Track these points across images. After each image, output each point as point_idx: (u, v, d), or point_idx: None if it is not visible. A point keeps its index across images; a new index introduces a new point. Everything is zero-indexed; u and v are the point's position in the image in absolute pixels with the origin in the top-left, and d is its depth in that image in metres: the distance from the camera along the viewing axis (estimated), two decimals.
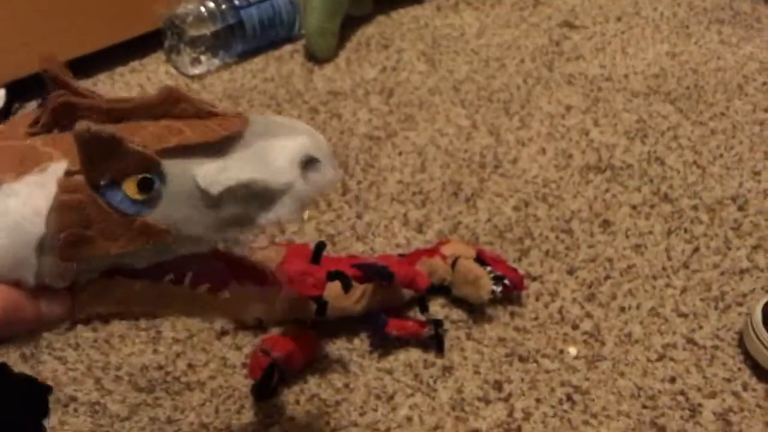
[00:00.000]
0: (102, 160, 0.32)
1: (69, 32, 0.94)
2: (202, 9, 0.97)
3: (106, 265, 0.35)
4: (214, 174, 0.34)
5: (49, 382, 0.65)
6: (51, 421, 0.63)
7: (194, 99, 0.36)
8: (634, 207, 0.83)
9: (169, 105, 0.36)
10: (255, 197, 0.35)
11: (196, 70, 1.01)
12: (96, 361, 0.68)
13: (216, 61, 1.01)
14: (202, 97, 1.00)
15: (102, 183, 0.33)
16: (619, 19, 1.15)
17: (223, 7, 0.98)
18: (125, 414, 0.63)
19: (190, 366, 0.67)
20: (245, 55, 1.04)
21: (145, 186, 0.33)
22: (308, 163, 0.35)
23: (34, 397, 0.46)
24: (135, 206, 0.33)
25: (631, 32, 1.12)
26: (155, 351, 0.68)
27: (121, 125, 0.35)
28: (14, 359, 0.67)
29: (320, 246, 0.64)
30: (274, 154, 0.35)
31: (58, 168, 0.33)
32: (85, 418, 0.63)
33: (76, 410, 0.64)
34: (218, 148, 0.35)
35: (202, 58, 1.00)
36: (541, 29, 1.13)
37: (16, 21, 0.90)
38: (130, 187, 0.33)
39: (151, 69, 1.03)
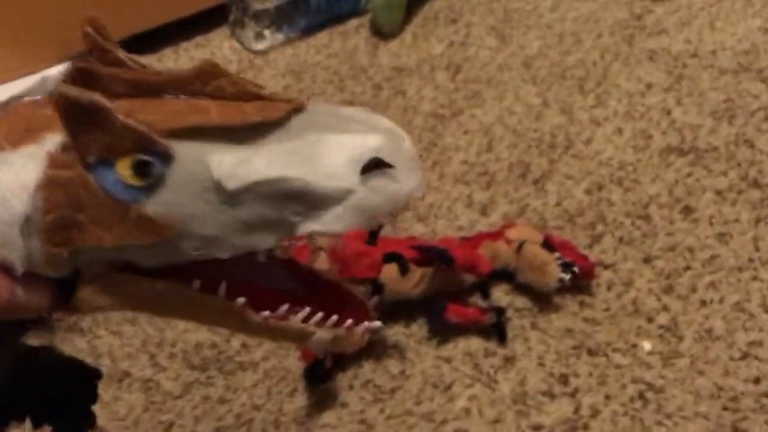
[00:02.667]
0: (86, 132, 0.29)
1: (135, 6, 0.93)
2: None
3: (109, 259, 0.31)
4: (233, 165, 0.29)
5: (105, 358, 0.65)
6: (106, 396, 0.62)
7: (236, 77, 0.31)
8: (719, 192, 0.77)
9: (203, 81, 0.31)
10: (293, 200, 0.29)
11: (260, 45, 0.99)
12: (151, 336, 0.67)
13: (280, 36, 0.99)
14: (264, 74, 0.99)
15: (92, 160, 0.29)
16: None
17: None
18: (178, 392, 0.63)
19: (243, 346, 0.66)
20: (309, 30, 1.02)
21: (140, 169, 0.29)
22: (377, 168, 0.29)
23: (84, 381, 0.45)
24: (129, 192, 0.29)
25: (720, 5, 1.03)
26: (210, 329, 0.67)
27: (141, 100, 0.31)
28: (71, 335, 0.68)
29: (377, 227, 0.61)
30: (327, 151, 0.29)
31: (53, 140, 0.29)
32: (139, 394, 0.63)
33: (129, 386, 0.63)
34: (249, 135, 0.30)
35: (266, 32, 0.98)
36: (621, 2, 1.06)
37: None
38: (123, 169, 0.29)
39: (215, 44, 1.02)
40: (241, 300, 0.32)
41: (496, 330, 0.64)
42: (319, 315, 0.33)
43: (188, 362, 0.65)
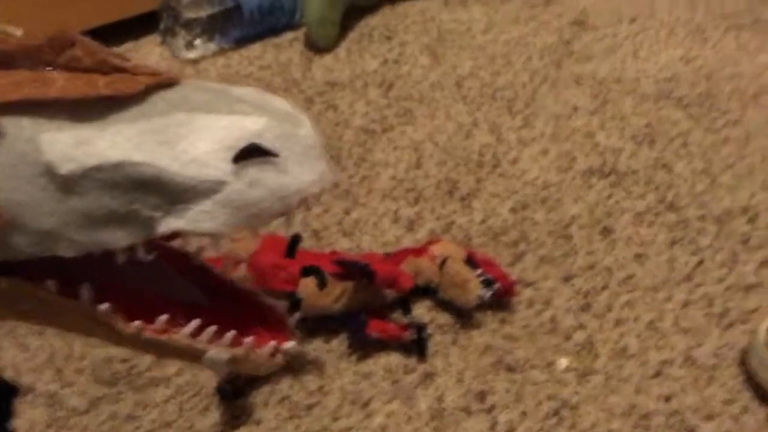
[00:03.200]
0: None
1: (64, 8, 0.91)
2: None
3: None
4: (69, 146, 0.24)
5: (9, 370, 0.62)
6: None
7: (95, 46, 0.27)
8: (637, 214, 0.79)
9: (56, 50, 0.27)
10: (147, 191, 0.25)
11: (191, 54, 0.97)
12: (59, 349, 0.64)
13: (212, 46, 0.98)
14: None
15: None
16: (632, 20, 1.10)
17: None
18: (84, 407, 0.60)
19: (156, 361, 0.64)
20: (243, 42, 1.01)
21: None
22: (256, 155, 0.25)
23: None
24: None
25: (644, 34, 1.07)
26: None
27: None
28: None
29: (295, 239, 0.60)
30: (192, 133, 0.25)
31: None
32: (43, 409, 0.60)
33: (33, 401, 0.61)
34: (98, 113, 0.25)
35: (197, 41, 0.96)
36: (551, 27, 1.09)
37: None
38: None
39: (145, 50, 1.00)
40: (104, 306, 0.28)
41: (416, 346, 0.64)
42: (211, 329, 0.29)
43: (97, 377, 0.62)
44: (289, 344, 0.31)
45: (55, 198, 0.25)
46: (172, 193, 0.25)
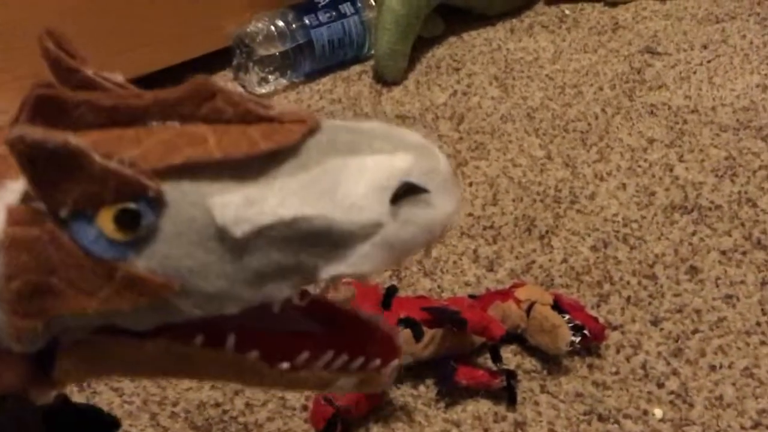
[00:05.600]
0: (56, 182, 0.23)
1: (139, 48, 0.93)
2: (272, 28, 0.95)
3: (94, 326, 0.26)
4: (240, 207, 0.24)
5: None
6: None
7: (236, 95, 0.26)
8: (723, 253, 0.77)
9: (196, 102, 0.25)
10: (312, 241, 0.25)
11: (264, 89, 0.99)
12: (153, 395, 0.65)
13: (284, 81, 0.99)
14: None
15: (64, 214, 0.24)
16: (704, 46, 1.08)
17: (294, 26, 0.96)
18: None
19: (248, 405, 0.64)
20: (313, 75, 1.02)
21: (126, 220, 0.24)
22: (408, 193, 0.25)
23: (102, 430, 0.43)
24: (114, 248, 0.24)
25: (718, 61, 1.05)
26: (213, 387, 0.66)
27: (119, 131, 0.26)
28: (70, 387, 0.65)
29: (391, 290, 0.60)
30: (348, 178, 0.24)
31: (13, 188, 0.24)
32: None
33: None
34: (257, 168, 0.25)
35: (270, 77, 0.98)
36: (620, 55, 1.07)
37: (85, 37, 0.90)
38: (105, 221, 0.24)
39: None
40: (254, 354, 0.27)
41: (506, 394, 0.63)
42: (344, 358, 0.28)
43: (191, 422, 0.63)
44: (397, 361, 0.30)
45: (226, 260, 0.24)
46: (337, 240, 0.25)
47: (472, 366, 0.64)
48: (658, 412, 0.63)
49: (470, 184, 0.87)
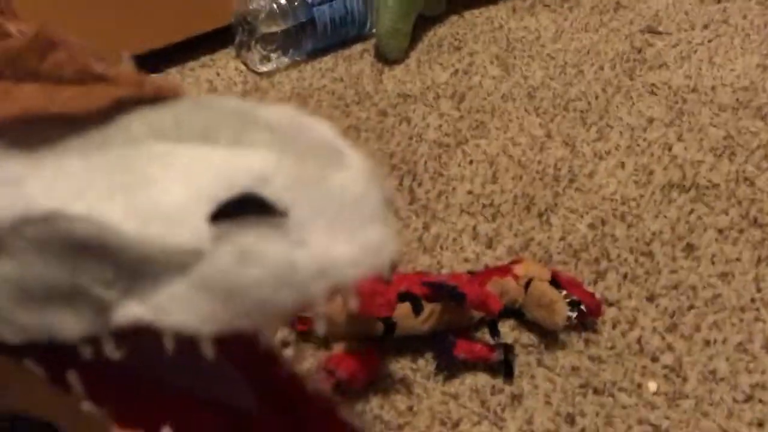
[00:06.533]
0: None
1: (142, 26, 0.93)
2: (275, 6, 0.95)
3: None
4: None
5: None
6: None
7: (80, 48, 0.21)
8: (720, 231, 0.78)
9: (39, 54, 0.20)
10: (91, 257, 0.17)
11: (266, 68, 0.99)
12: None
13: (285, 59, 0.99)
14: (270, 96, 0.99)
15: None
16: (705, 26, 1.08)
17: (296, 3, 0.96)
18: None
19: None
20: (314, 54, 1.02)
21: None
22: (253, 212, 0.17)
23: None
24: None
25: (719, 41, 1.05)
26: None
27: None
28: None
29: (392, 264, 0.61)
30: (166, 175, 0.17)
31: None
32: None
33: None
34: (46, 139, 0.19)
35: (272, 55, 0.98)
36: (621, 34, 1.07)
37: (84, 16, 0.90)
38: None
39: (220, 64, 1.02)
40: (89, 404, 0.21)
41: (503, 367, 0.65)
42: None
43: None
44: None
45: None
46: (128, 264, 0.17)
47: (470, 340, 0.66)
48: (652, 386, 0.64)
49: (470, 162, 0.87)
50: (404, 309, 0.60)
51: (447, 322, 0.65)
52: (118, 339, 0.19)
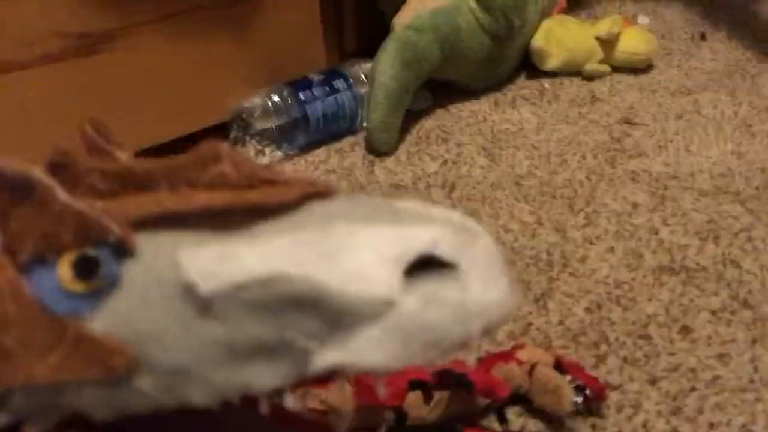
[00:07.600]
0: (16, 217, 0.21)
1: (138, 123, 0.96)
2: (269, 103, 0.98)
3: (51, 406, 0.21)
4: (211, 260, 0.21)
5: None
6: None
7: (244, 159, 0.24)
8: (713, 312, 0.80)
9: (201, 167, 0.23)
10: (302, 312, 0.20)
11: (260, 162, 1.01)
12: None
13: (279, 153, 1.02)
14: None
15: (24, 258, 0.21)
16: (679, 116, 1.14)
17: (289, 101, 1.00)
18: None
19: None
20: (307, 147, 1.05)
21: (85, 268, 0.21)
22: (430, 269, 0.21)
23: None
24: (70, 301, 0.20)
25: (693, 130, 1.11)
26: None
27: (126, 198, 0.24)
28: None
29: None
30: (354, 245, 0.21)
31: None
32: None
33: None
34: (245, 225, 0.22)
35: (266, 150, 1.01)
36: (600, 125, 1.13)
37: (93, 109, 0.92)
38: (64, 269, 0.21)
39: None
40: None
41: None
42: None
43: None
44: None
45: (192, 327, 0.20)
46: (332, 316, 0.20)
47: (478, 428, 0.65)
48: None
49: None
50: (414, 397, 0.60)
51: (455, 410, 0.65)
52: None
